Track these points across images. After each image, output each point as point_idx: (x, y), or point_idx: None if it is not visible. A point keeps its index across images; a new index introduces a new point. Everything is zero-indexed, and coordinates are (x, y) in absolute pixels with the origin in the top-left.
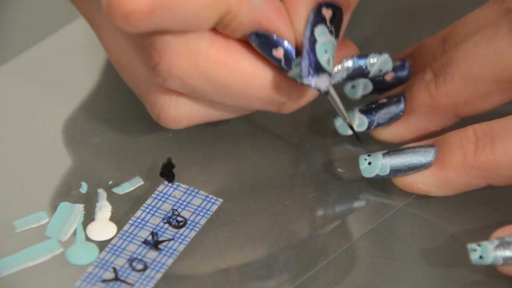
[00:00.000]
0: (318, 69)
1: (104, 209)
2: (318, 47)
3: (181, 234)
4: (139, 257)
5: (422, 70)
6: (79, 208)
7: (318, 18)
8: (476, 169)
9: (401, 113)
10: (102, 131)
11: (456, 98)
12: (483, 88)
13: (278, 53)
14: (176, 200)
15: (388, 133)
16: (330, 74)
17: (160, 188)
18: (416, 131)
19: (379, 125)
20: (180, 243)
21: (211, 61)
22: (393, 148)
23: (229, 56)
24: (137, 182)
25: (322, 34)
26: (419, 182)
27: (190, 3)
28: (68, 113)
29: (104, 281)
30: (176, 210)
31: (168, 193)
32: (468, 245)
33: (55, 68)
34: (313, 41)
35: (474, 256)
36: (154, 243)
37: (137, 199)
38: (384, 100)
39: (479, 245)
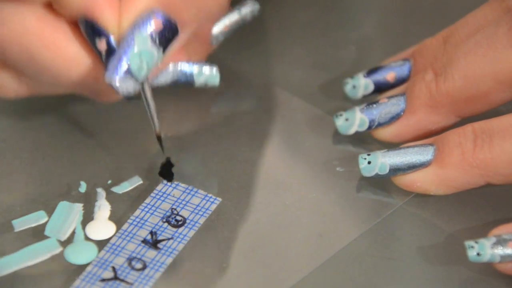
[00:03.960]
0: (124, 71)
1: (103, 208)
2: (134, 52)
3: (180, 233)
4: (138, 256)
5: (423, 70)
6: (78, 207)
7: (144, 24)
8: (475, 167)
9: (402, 113)
10: (101, 131)
11: (456, 98)
12: (483, 87)
13: (101, 44)
14: (175, 199)
15: (389, 133)
16: (137, 81)
17: (159, 187)
18: (417, 130)
19: (379, 124)
20: (179, 242)
21: (33, 37)
22: (392, 147)
23: (55, 37)
24: (136, 182)
25: (142, 41)
26: (418, 181)
27: None
28: (67, 112)
29: (103, 280)
30: (175, 209)
31: (167, 192)
32: (465, 242)
33: None
34: (130, 44)
35: (471, 253)
36: (153, 242)
37: (136, 198)
38: (385, 100)
39: (476, 242)
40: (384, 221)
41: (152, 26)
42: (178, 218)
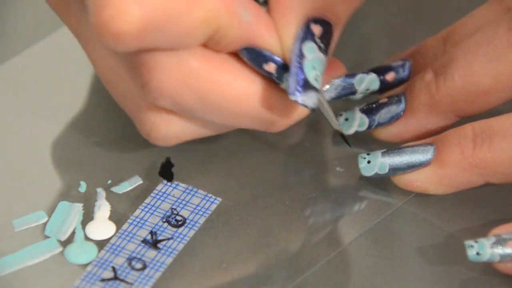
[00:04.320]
0: (305, 85)
1: (103, 208)
2: (306, 63)
3: (180, 233)
4: (138, 256)
5: (423, 70)
6: (78, 207)
7: (307, 34)
8: (475, 166)
9: (402, 113)
10: (101, 130)
11: (456, 97)
12: (483, 87)
13: (269, 67)
14: (175, 199)
15: (389, 133)
16: (317, 91)
17: (159, 187)
18: (417, 130)
19: (379, 124)
20: (179, 242)
21: (202, 81)
22: (392, 147)
23: (222, 76)
24: (136, 181)
25: (310, 50)
26: (418, 180)
27: (180, 22)
28: (67, 112)
29: (103, 280)
30: (175, 209)
31: (167, 192)
32: (465, 241)
33: (55, 67)
34: (301, 57)
35: (471, 253)
36: (153, 242)
37: (136, 198)
38: (385, 100)
39: (476, 241)
40: (383, 220)
41: (314, 33)
42: (178, 218)
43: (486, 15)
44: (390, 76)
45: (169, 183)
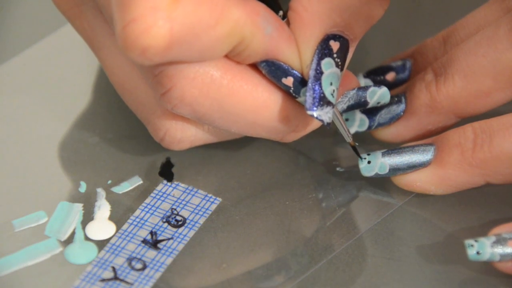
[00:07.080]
0: (322, 101)
1: (103, 209)
2: (324, 79)
3: (180, 233)
4: (138, 256)
5: (423, 70)
6: (78, 207)
7: (325, 50)
8: (475, 166)
9: (402, 113)
10: (101, 131)
11: (456, 98)
12: (483, 87)
13: (288, 81)
14: (175, 199)
15: (389, 133)
16: (333, 106)
17: (159, 187)
18: (417, 130)
19: (380, 125)
20: (179, 242)
21: (223, 90)
22: (392, 147)
23: (241, 86)
24: (136, 182)
25: (328, 66)
26: (418, 181)
27: (206, 36)
28: (67, 112)
29: (103, 280)
30: (175, 209)
31: (167, 192)
32: (465, 241)
33: (54, 67)
34: (319, 72)
35: (471, 252)
36: (153, 242)
37: (136, 198)
38: None
39: (476, 241)
40: (384, 220)
41: (332, 49)
42: (178, 218)
43: (486, 15)
44: (390, 76)
45: (169, 183)
